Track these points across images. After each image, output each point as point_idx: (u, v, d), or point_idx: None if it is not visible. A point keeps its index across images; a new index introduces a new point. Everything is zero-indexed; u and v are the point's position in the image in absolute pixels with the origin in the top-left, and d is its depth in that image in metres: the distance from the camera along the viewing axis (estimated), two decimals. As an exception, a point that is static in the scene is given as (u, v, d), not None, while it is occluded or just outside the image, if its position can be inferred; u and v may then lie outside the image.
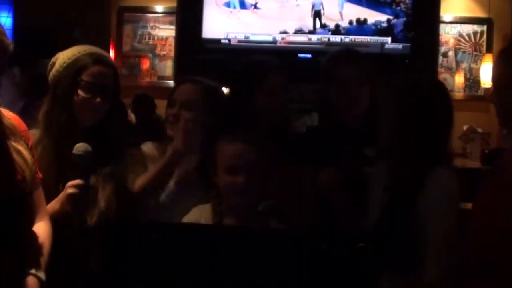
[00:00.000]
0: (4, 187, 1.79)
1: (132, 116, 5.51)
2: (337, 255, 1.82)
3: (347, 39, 5.44)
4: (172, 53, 6.24)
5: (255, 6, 5.57)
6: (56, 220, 2.01)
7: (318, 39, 5.47)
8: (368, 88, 2.50)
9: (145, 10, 6.37)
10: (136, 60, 6.37)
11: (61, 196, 2.03)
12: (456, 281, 1.94)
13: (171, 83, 6.00)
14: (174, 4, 5.95)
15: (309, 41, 5.48)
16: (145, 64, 6.37)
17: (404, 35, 5.44)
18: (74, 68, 2.15)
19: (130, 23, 6.38)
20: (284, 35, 5.49)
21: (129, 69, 6.32)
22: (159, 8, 6.34)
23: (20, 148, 1.88)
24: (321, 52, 5.26)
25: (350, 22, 5.51)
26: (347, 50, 2.90)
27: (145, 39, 6.38)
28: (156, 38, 6.36)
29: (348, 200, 2.34)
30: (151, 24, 6.36)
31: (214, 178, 2.19)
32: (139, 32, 6.37)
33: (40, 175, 2.00)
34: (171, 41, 6.25)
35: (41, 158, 2.09)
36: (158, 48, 6.36)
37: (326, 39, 5.46)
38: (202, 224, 2.17)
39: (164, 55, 6.35)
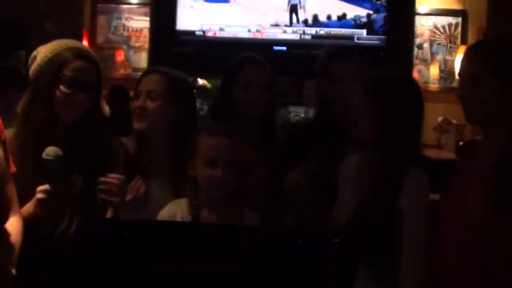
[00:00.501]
0: None
1: (106, 108, 5.47)
2: (311, 251, 1.83)
3: (322, 31, 5.44)
4: (147, 45, 6.20)
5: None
6: (28, 223, 2.00)
7: (293, 31, 5.46)
8: (362, 84, 2.49)
9: (119, 1, 6.33)
10: (110, 52, 6.32)
11: (34, 199, 2.03)
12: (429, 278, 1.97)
13: None
14: None
15: (284, 33, 5.47)
16: (120, 56, 6.32)
17: (384, 30, 5.45)
18: (56, 63, 2.13)
19: (104, 14, 6.33)
20: (259, 27, 5.48)
21: (103, 61, 6.20)
22: None
23: None
24: (296, 45, 5.35)
25: (329, 17, 5.48)
26: (342, 46, 2.93)
27: (120, 30, 6.33)
28: (130, 29, 6.33)
29: (316, 198, 2.35)
30: (126, 15, 6.32)
31: (192, 171, 2.19)
32: (114, 24, 6.33)
33: (13, 169, 1.99)
34: (146, 32, 6.21)
35: (17, 154, 2.08)
36: (133, 39, 6.33)
37: (301, 31, 5.45)
38: (174, 222, 2.14)
39: (138, 46, 6.32)
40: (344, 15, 5.47)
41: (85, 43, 6.10)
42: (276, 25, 5.48)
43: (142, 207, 2.31)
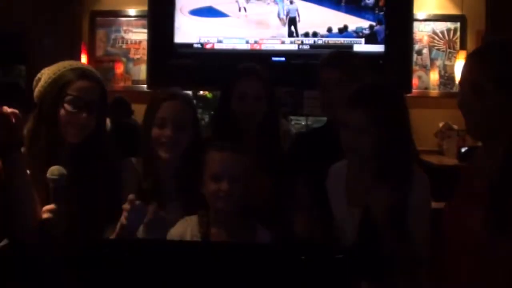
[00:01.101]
0: None
1: (107, 121, 5.47)
2: (315, 267, 1.83)
3: (320, 41, 5.46)
4: (145, 57, 6.16)
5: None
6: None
7: (291, 42, 5.48)
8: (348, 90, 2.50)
9: (117, 14, 6.36)
10: (109, 65, 6.35)
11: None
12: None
13: (145, 87, 6.00)
14: (146, 8, 5.87)
15: (283, 44, 5.49)
16: (119, 69, 6.35)
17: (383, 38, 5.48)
18: (60, 83, 2.15)
19: (102, 28, 6.37)
20: (257, 39, 5.50)
21: (103, 74, 6.06)
22: (132, 11, 6.33)
23: None
24: (294, 55, 5.36)
25: (329, 30, 5.50)
26: (336, 52, 2.93)
27: (119, 43, 6.37)
28: (129, 42, 6.36)
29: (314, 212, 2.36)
30: (124, 28, 6.35)
31: (202, 188, 2.21)
32: (112, 36, 6.36)
33: None
34: (145, 44, 6.17)
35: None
36: (132, 52, 6.36)
37: (300, 42, 5.47)
38: (176, 241, 2.15)
39: (138, 59, 6.34)
40: (346, 27, 5.49)
41: (84, 56, 6.15)
42: (275, 37, 5.51)
43: (154, 231, 2.28)
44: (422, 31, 6.15)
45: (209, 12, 5.55)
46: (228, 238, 2.19)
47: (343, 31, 5.47)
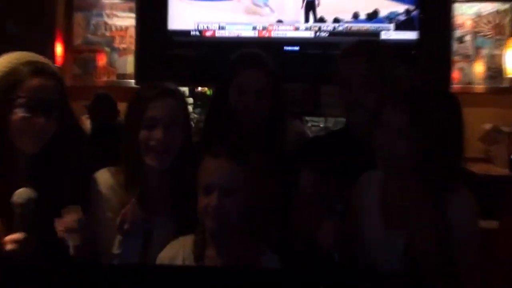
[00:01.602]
0: None
1: (87, 124, 5.54)
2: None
3: (341, 27, 5.48)
4: (133, 47, 6.17)
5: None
6: None
7: (306, 28, 5.50)
8: (377, 86, 2.54)
9: None
10: (90, 56, 6.35)
11: None
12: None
13: (133, 82, 6.01)
14: None
15: (296, 30, 5.52)
16: (101, 60, 6.35)
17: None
18: (8, 83, 2.13)
19: (81, 11, 6.35)
20: (266, 25, 5.53)
21: (81, 66, 6.33)
22: None
23: None
24: (310, 44, 5.38)
25: (355, 16, 5.49)
26: (361, 41, 2.97)
27: (101, 29, 6.36)
28: (114, 28, 6.34)
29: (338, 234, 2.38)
30: (107, 11, 6.33)
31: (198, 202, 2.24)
32: (93, 21, 6.35)
33: None
34: (132, 31, 6.19)
35: None
36: (117, 40, 6.34)
37: (317, 28, 5.49)
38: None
39: (124, 49, 6.33)
40: (376, 12, 5.47)
41: (59, 46, 6.18)
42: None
43: (143, 247, 2.34)
44: (464, 14, 6.05)
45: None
46: (226, 262, 2.21)
47: (372, 17, 5.46)
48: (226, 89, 2.68)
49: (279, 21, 5.48)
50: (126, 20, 6.32)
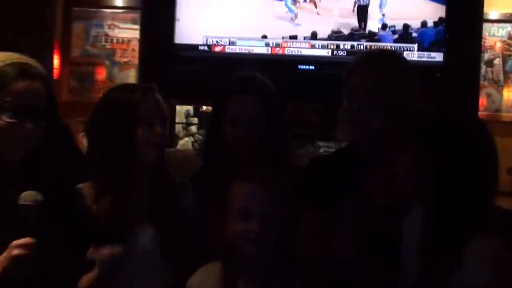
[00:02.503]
0: None
1: (84, 141, 5.55)
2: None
3: (361, 45, 5.45)
4: (136, 60, 6.26)
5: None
6: None
7: (322, 46, 5.47)
8: (388, 100, 2.56)
9: (100, 4, 6.37)
10: (89, 69, 6.38)
11: (1, 259, 2.03)
12: None
13: None
14: None
15: (312, 48, 5.50)
16: (101, 74, 6.37)
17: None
18: None
19: (80, 21, 6.37)
20: (280, 41, 5.51)
21: (79, 80, 6.36)
22: (119, 1, 6.34)
23: None
24: (326, 63, 5.36)
25: (424, 24, 5.38)
26: (374, 51, 2.98)
27: (101, 41, 6.38)
28: (115, 40, 6.37)
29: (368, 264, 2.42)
30: (109, 22, 6.36)
31: (226, 228, 2.28)
32: (93, 33, 6.37)
33: None
34: (135, 44, 6.28)
35: None
36: (118, 53, 6.37)
37: (334, 46, 5.47)
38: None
39: (125, 62, 6.36)
40: (442, 20, 5.38)
41: (56, 57, 6.21)
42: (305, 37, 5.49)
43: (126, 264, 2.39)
44: (493, 36, 6.09)
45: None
46: None
47: (438, 25, 5.38)
48: (219, 121, 2.76)
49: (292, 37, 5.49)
50: (128, 32, 6.35)
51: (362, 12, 5.40)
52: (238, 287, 2.26)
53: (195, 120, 6.06)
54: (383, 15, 5.38)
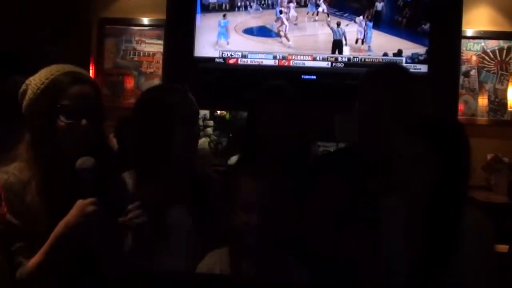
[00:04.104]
0: None
1: (114, 142, 5.59)
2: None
3: (356, 58, 5.54)
4: (160, 71, 6.29)
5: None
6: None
7: (323, 58, 5.57)
8: (395, 109, 2.59)
9: (129, 22, 6.40)
10: (119, 79, 6.41)
11: (63, 229, 2.09)
12: None
13: None
14: (162, 16, 6.03)
15: (314, 60, 5.59)
16: (129, 83, 6.41)
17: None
18: (50, 93, 2.20)
19: (112, 37, 6.43)
20: (285, 54, 5.59)
21: (111, 88, 6.37)
22: (145, 20, 6.37)
23: None
24: (327, 74, 5.44)
25: (385, 55, 5.56)
26: (383, 64, 3.01)
27: (130, 55, 6.42)
28: (142, 54, 6.40)
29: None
30: (136, 38, 6.40)
31: (233, 217, 2.28)
32: (123, 47, 6.42)
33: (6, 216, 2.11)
34: (159, 57, 6.31)
35: (34, 205, 2.15)
36: (144, 65, 6.40)
37: (333, 59, 5.56)
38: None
39: (150, 73, 6.39)
40: (400, 52, 5.55)
41: (91, 69, 6.25)
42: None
43: (162, 239, 2.43)
44: (470, 50, 6.08)
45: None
46: (261, 274, 2.25)
47: (397, 56, 5.54)
48: (254, 121, 2.79)
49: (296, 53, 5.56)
50: (153, 47, 6.39)
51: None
52: (243, 267, 2.28)
53: (211, 123, 6.11)
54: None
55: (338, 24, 5.60)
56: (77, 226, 2.07)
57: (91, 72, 6.28)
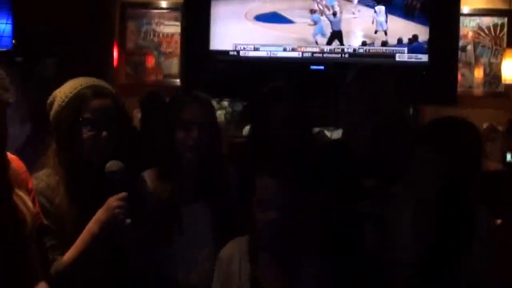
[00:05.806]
0: (9, 235, 1.85)
1: (138, 115, 5.47)
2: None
3: (361, 49, 5.39)
4: (178, 51, 6.24)
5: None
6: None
7: (331, 50, 5.40)
8: (381, 107, 2.45)
9: (149, 6, 6.34)
10: (141, 58, 6.35)
11: (95, 226, 2.07)
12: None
13: (178, 81, 6.13)
14: (179, 0, 5.99)
15: (322, 52, 5.42)
16: (150, 62, 6.34)
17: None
18: (74, 106, 2.16)
19: (133, 20, 6.33)
20: (295, 46, 5.43)
21: (133, 67, 6.32)
22: (164, 3, 6.31)
23: (21, 194, 1.94)
24: (335, 64, 5.28)
25: (400, 41, 5.36)
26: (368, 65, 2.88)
27: (150, 36, 6.34)
28: (161, 35, 6.32)
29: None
30: (156, 20, 6.31)
31: (254, 210, 2.21)
32: (143, 29, 6.33)
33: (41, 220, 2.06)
34: (177, 38, 6.25)
35: (61, 207, 2.12)
36: (164, 45, 6.33)
37: (340, 50, 5.40)
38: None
39: (169, 52, 6.32)
40: (415, 37, 5.36)
41: (115, 50, 6.15)
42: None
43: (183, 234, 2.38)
44: (466, 26, 6.04)
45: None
46: (278, 264, 2.21)
47: (412, 42, 5.34)
48: (260, 119, 2.64)
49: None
50: (172, 28, 6.31)
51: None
52: (261, 257, 2.22)
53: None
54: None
55: (335, 14, 5.40)
56: (107, 222, 2.07)
57: (115, 53, 6.21)
